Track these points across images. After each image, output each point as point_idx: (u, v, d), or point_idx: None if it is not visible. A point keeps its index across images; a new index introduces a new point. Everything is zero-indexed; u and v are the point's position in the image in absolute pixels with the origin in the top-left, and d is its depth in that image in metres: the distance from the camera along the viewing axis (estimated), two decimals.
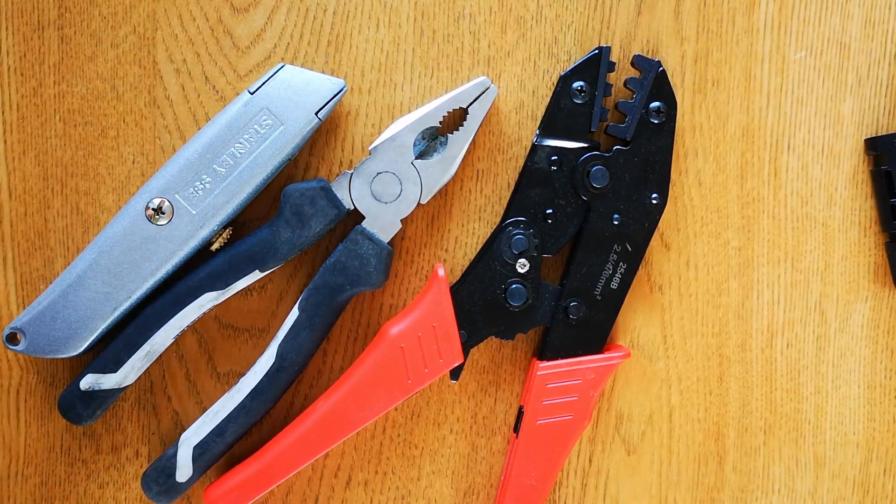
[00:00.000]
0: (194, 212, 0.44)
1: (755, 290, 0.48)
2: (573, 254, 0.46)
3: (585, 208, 0.45)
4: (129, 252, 0.44)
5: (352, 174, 0.45)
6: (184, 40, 0.47)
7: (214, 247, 0.45)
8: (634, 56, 0.46)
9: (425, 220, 0.48)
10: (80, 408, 0.45)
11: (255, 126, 0.44)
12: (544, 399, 0.46)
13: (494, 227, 0.47)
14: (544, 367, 0.46)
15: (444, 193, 0.48)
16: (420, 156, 0.45)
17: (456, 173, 0.46)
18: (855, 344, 0.49)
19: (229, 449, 0.46)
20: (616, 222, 0.45)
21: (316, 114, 0.44)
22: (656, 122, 0.45)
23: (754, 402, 0.49)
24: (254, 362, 0.46)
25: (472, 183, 0.47)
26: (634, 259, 0.46)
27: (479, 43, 0.47)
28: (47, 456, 0.48)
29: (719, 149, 0.48)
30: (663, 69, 0.45)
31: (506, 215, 0.46)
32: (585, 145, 0.45)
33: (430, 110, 0.45)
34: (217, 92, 0.47)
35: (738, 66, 0.48)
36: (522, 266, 0.45)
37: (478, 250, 0.46)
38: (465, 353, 0.45)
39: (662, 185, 0.46)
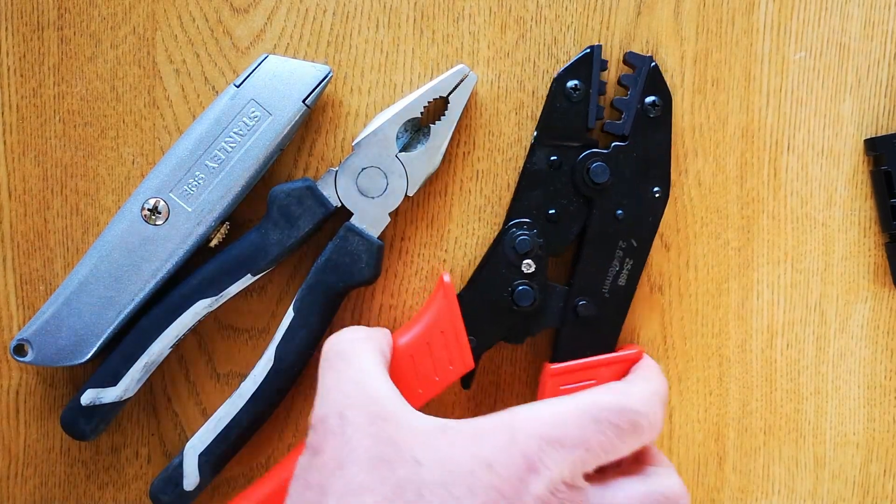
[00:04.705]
0: (190, 209, 0.44)
1: (755, 290, 0.48)
2: (579, 253, 0.46)
3: (588, 206, 0.45)
4: (128, 255, 0.44)
5: (337, 171, 0.45)
6: (183, 41, 0.47)
7: (213, 243, 0.45)
8: (627, 53, 0.46)
9: (425, 220, 0.48)
10: (82, 423, 0.45)
11: (244, 119, 0.44)
12: None
13: (494, 226, 0.47)
14: (557, 369, 0.45)
15: (443, 193, 0.48)
16: (404, 148, 0.45)
17: (455, 172, 0.46)
18: (855, 344, 0.49)
19: (236, 453, 0.46)
20: (620, 218, 0.45)
21: (303, 101, 0.44)
22: (652, 116, 0.45)
23: (754, 402, 0.49)
24: (253, 363, 0.46)
25: (471, 183, 0.47)
26: (641, 254, 0.46)
27: (479, 43, 0.47)
28: (47, 457, 0.48)
29: (719, 149, 0.48)
30: (656, 64, 0.45)
31: (508, 218, 0.46)
32: (584, 144, 0.45)
33: (411, 102, 0.45)
34: (217, 93, 0.47)
35: (738, 67, 0.48)
36: (528, 267, 0.45)
37: (479, 252, 0.46)
38: (476, 359, 0.45)
39: (664, 178, 0.45)
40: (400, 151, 0.45)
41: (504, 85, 0.47)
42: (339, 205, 0.45)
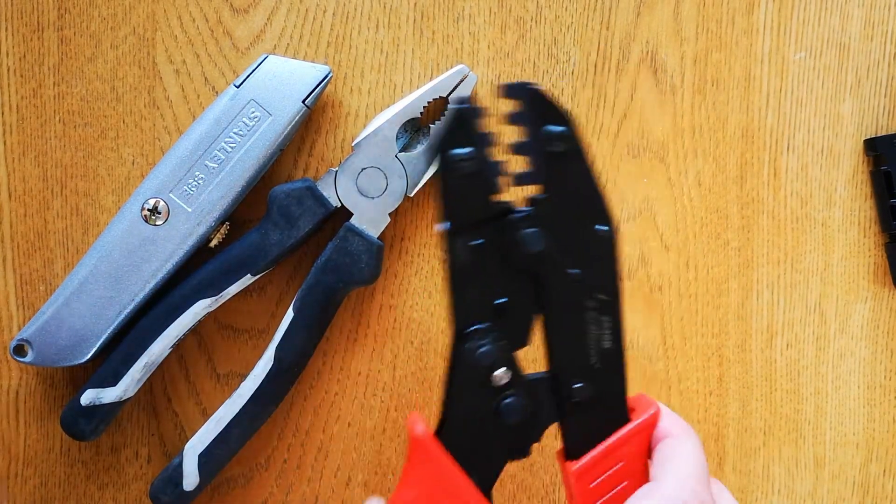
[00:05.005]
0: (190, 209, 0.44)
1: (755, 290, 0.48)
2: (548, 332, 0.38)
3: (535, 279, 0.37)
4: (128, 255, 0.44)
5: (337, 171, 0.45)
6: (183, 41, 0.47)
7: (213, 243, 0.45)
8: (502, 86, 0.37)
9: (425, 220, 0.48)
10: (82, 424, 0.45)
11: (244, 119, 0.44)
12: (594, 499, 0.38)
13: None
14: (579, 469, 0.38)
15: None
16: (404, 148, 0.45)
17: None
18: (855, 344, 0.49)
19: (235, 454, 0.46)
20: (576, 278, 0.37)
21: (303, 102, 0.44)
22: (561, 149, 0.36)
23: (754, 402, 0.49)
24: (253, 363, 0.46)
25: None
26: (614, 306, 0.38)
27: (479, 44, 0.47)
28: (47, 457, 0.48)
29: (719, 149, 0.48)
30: (536, 88, 0.36)
31: (456, 330, 0.37)
32: (500, 212, 0.36)
33: (411, 102, 0.45)
34: (217, 93, 0.47)
35: (738, 67, 0.48)
36: (503, 377, 0.37)
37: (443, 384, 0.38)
38: (488, 495, 0.37)
39: (602, 213, 0.37)
40: (400, 152, 0.45)
41: None
42: (339, 205, 0.45)
